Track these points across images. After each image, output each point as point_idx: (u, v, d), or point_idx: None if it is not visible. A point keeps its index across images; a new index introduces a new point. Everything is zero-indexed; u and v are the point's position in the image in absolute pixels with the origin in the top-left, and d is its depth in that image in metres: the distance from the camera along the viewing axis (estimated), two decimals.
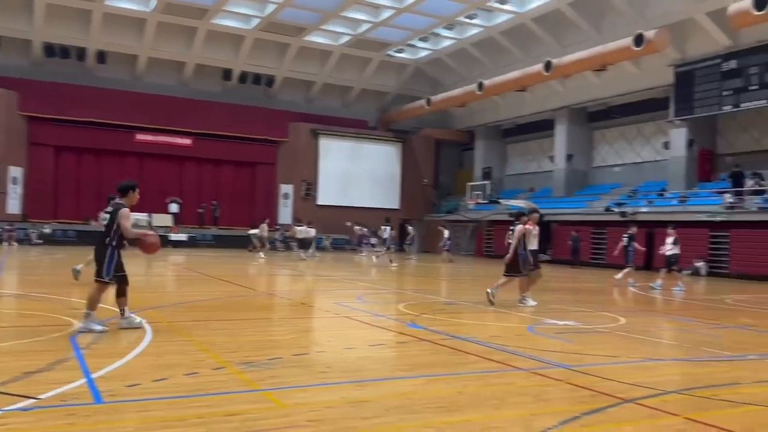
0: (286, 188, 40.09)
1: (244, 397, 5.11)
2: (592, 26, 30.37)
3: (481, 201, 34.88)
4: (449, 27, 34.38)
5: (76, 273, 13.30)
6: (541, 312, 11.35)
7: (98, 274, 7.82)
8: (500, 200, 34.86)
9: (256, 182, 39.74)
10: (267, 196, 39.67)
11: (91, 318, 7.69)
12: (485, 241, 38.58)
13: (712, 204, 25.93)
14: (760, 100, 25.42)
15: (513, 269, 12.37)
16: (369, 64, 39.35)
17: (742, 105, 26.14)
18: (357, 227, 35.30)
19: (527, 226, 12.57)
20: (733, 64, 26.33)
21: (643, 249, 19.67)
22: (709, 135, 29.37)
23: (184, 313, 8.65)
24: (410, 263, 27.92)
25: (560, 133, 35.62)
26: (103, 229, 7.96)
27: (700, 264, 24.36)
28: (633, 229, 19.22)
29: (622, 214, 28.46)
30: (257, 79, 38.21)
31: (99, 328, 7.64)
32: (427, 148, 43.95)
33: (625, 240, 18.84)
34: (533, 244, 12.78)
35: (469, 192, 36.01)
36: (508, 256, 12.43)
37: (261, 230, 28.92)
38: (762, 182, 25.39)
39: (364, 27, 34.68)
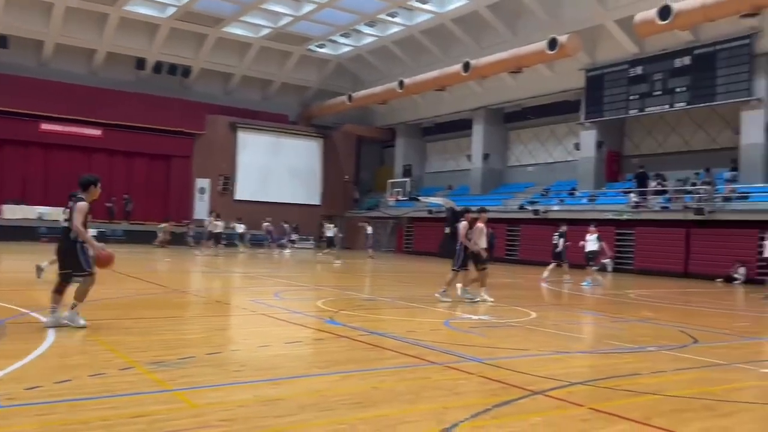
0: (202, 182, 39.07)
1: (154, 397, 4.94)
2: (509, 29, 31.21)
3: (401, 198, 35.20)
4: (371, 24, 34.47)
5: (39, 271, 13.04)
6: (457, 307, 11.57)
7: (79, 270, 7.70)
8: (420, 198, 35.31)
9: (171, 176, 38.52)
10: (182, 191, 38.53)
11: (77, 311, 7.69)
12: (405, 238, 39.02)
13: (619, 203, 27.23)
14: (663, 105, 26.90)
15: (453, 264, 12.71)
16: (290, 58, 38.92)
17: (647, 109, 27.59)
18: (285, 224, 34.89)
19: (479, 224, 12.81)
20: (639, 70, 27.73)
21: (569, 244, 20.55)
22: (616, 137, 30.82)
23: (91, 311, 8.27)
24: (331, 260, 27.82)
25: (477, 132, 36.46)
26: (66, 224, 7.82)
27: (606, 260, 25.51)
28: (564, 228, 19.98)
29: (535, 212, 29.44)
30: (173, 69, 37.03)
31: (83, 322, 7.65)
32: (349, 145, 43.94)
33: (555, 238, 19.58)
34: (483, 242, 13.02)
35: (390, 189, 36.28)
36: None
37: (209, 225, 28.70)
38: (664, 183, 26.86)
39: (285, 20, 34.25)
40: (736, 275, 22.04)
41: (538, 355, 7.55)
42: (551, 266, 19.22)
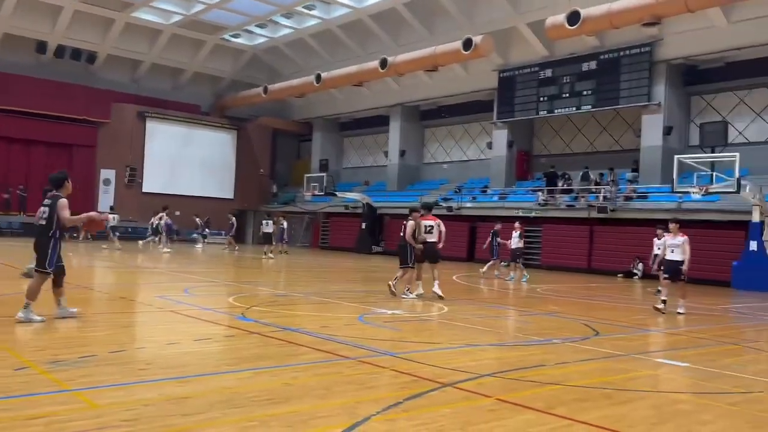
0: (107, 173, 37.34)
1: (51, 398, 4.68)
2: (425, 28, 31.60)
3: (317, 193, 35.02)
4: (288, 16, 34.02)
5: (30, 270, 12.20)
6: (371, 302, 11.62)
7: (40, 264, 7.92)
8: (337, 193, 35.24)
9: (73, 166, 36.45)
10: (85, 182, 36.59)
11: (30, 309, 7.74)
12: (321, 233, 38.85)
13: (528, 201, 28.19)
14: (570, 108, 28.07)
15: (404, 262, 12.77)
16: (203, 47, 37.82)
17: (556, 111, 28.70)
18: (196, 218, 33.86)
19: (421, 221, 12.92)
20: (549, 72, 28.78)
21: (506, 242, 21.25)
22: (527, 137, 31.89)
23: None
24: (234, 254, 27.26)
25: (394, 129, 36.78)
26: (43, 222, 7.93)
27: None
28: (498, 226, 20.54)
29: (449, 208, 30.02)
30: (77, 54, 35.19)
31: (38, 318, 7.72)
32: (264, 138, 43.22)
33: (491, 235, 20.22)
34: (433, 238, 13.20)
35: (306, 183, 36.02)
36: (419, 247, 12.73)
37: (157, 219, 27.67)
38: (569, 182, 28.03)
39: (198, 7, 33.21)
40: (635, 271, 23.29)
41: (449, 348, 7.70)
42: (490, 263, 20.20)
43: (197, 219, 33.37)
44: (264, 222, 27.44)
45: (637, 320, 11.45)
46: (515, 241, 19.17)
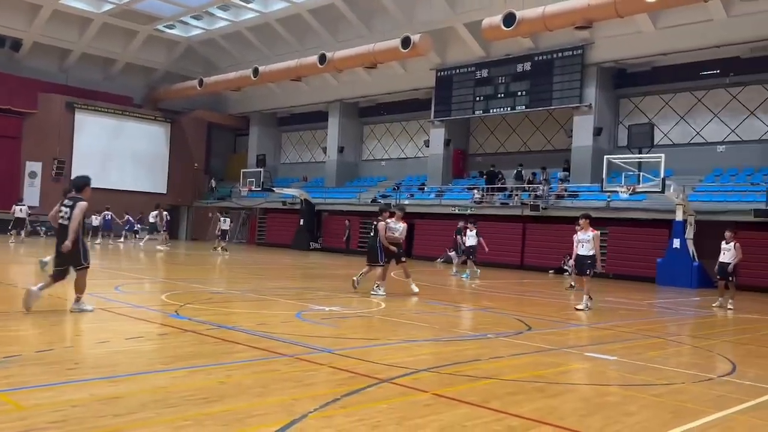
0: (33, 166, 35.76)
1: None
2: (365, 25, 31.63)
3: (254, 188, 34.52)
4: (224, 8, 33.39)
5: (44, 265, 12.69)
6: (308, 299, 11.57)
7: (78, 263, 8.74)
8: (274, 188, 34.86)
9: None
10: (10, 174, 35.03)
11: (81, 301, 8.77)
12: (258, 230, 38.36)
13: (464, 199, 28.64)
14: (505, 108, 28.68)
15: (373, 259, 13.03)
16: (135, 37, 36.68)
17: (491, 111, 29.25)
18: (126, 214, 32.82)
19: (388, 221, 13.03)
20: (485, 73, 29.30)
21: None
22: (463, 136, 32.39)
23: None
24: (222, 253, 26.43)
25: (333, 125, 36.67)
26: (66, 222, 8.53)
27: (452, 253, 26.71)
28: (461, 224, 20.73)
29: (387, 205, 30.10)
30: (1, 41, 33.55)
31: (89, 308, 8.79)
32: (199, 131, 42.26)
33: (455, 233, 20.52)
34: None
35: (243, 179, 35.47)
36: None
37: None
38: (503, 181, 28.63)
39: None
40: (566, 267, 24.00)
41: (386, 344, 7.76)
42: (458, 260, 20.67)
43: (127, 216, 32.35)
44: (221, 219, 27.34)
45: (567, 315, 11.82)
46: (470, 240, 19.51)
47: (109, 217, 30.55)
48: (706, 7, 22.28)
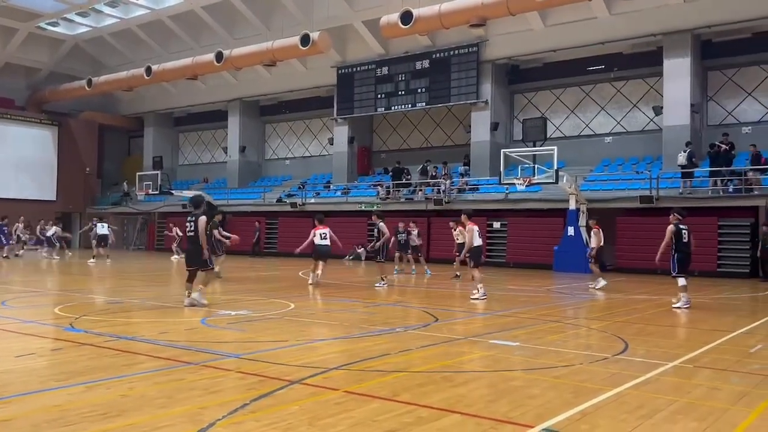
0: None
1: None
2: (263, 22, 31.14)
3: (152, 192, 33.20)
4: (112, 4, 31.90)
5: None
6: (214, 304, 11.28)
7: (204, 266, 10.86)
8: (173, 191, 33.69)
9: None
10: None
11: (202, 294, 10.76)
12: (157, 235, 36.96)
13: (370, 195, 28.82)
14: (406, 105, 29.09)
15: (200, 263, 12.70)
16: (15, 35, 34.39)
17: (393, 108, 29.60)
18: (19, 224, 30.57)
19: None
20: (385, 70, 29.59)
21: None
22: (367, 133, 32.58)
23: None
24: (104, 260, 24.97)
25: (233, 124, 35.89)
26: (192, 234, 10.73)
27: (360, 250, 26.86)
28: (400, 224, 20.62)
29: (293, 205, 29.89)
30: None
31: (205, 302, 10.70)
32: (90, 134, 40.17)
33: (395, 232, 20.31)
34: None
35: (139, 182, 34.04)
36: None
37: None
38: (408, 177, 29.02)
39: None
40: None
41: (295, 345, 7.68)
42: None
43: (19, 224, 30.20)
44: (98, 224, 25.61)
45: (471, 305, 12.14)
46: (404, 237, 19.77)
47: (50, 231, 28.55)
48: (590, 6, 23.53)
